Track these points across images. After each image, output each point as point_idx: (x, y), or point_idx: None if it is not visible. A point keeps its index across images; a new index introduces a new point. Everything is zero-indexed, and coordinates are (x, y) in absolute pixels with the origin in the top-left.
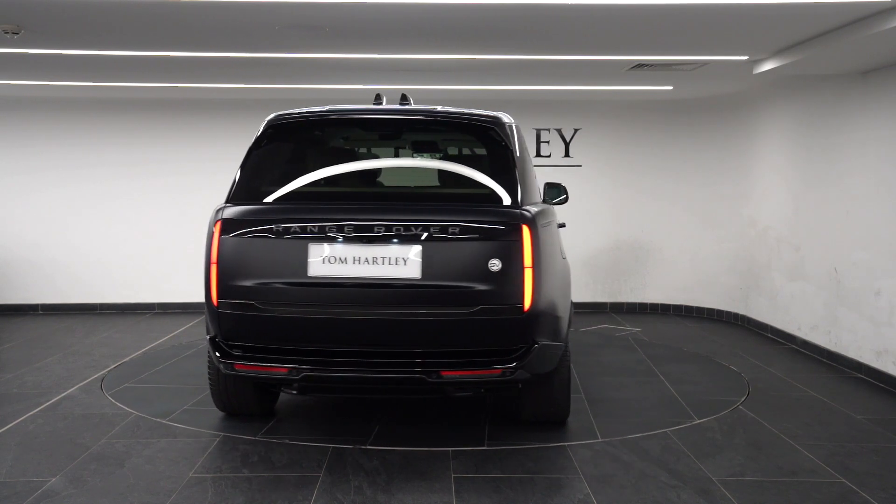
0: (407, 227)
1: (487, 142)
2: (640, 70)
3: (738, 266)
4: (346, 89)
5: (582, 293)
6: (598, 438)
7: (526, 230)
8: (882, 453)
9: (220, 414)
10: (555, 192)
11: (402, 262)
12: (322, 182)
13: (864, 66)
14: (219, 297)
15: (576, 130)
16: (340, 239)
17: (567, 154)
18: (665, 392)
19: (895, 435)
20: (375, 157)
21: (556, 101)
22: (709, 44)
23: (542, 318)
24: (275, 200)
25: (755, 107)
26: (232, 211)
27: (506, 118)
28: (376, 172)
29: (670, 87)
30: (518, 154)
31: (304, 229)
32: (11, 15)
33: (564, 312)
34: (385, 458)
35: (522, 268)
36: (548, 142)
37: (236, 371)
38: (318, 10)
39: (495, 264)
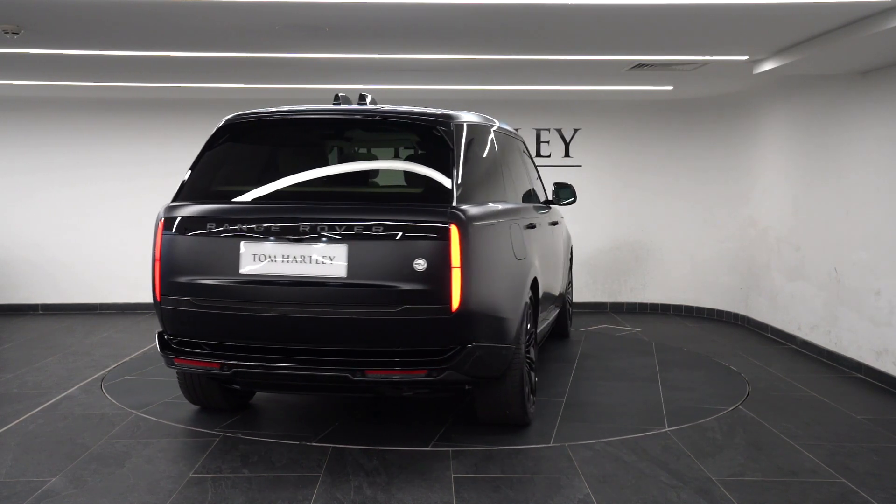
0: (334, 227)
1: (429, 140)
2: (640, 70)
3: (738, 266)
4: (345, 89)
5: (582, 293)
6: (550, 443)
7: (454, 230)
8: (882, 453)
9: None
10: (566, 193)
11: (328, 260)
12: (260, 182)
13: (863, 66)
14: (161, 293)
15: (576, 130)
16: (270, 238)
17: (567, 154)
18: (651, 399)
19: (895, 435)
20: (318, 157)
21: (556, 101)
22: (709, 44)
23: (476, 319)
24: (213, 200)
25: (755, 107)
26: (173, 210)
27: (457, 117)
28: (314, 171)
29: (670, 87)
30: (462, 153)
31: (236, 228)
32: (11, 15)
33: (513, 314)
34: (385, 458)
35: (449, 268)
36: (548, 142)
37: (175, 365)
38: (318, 10)
39: (420, 264)
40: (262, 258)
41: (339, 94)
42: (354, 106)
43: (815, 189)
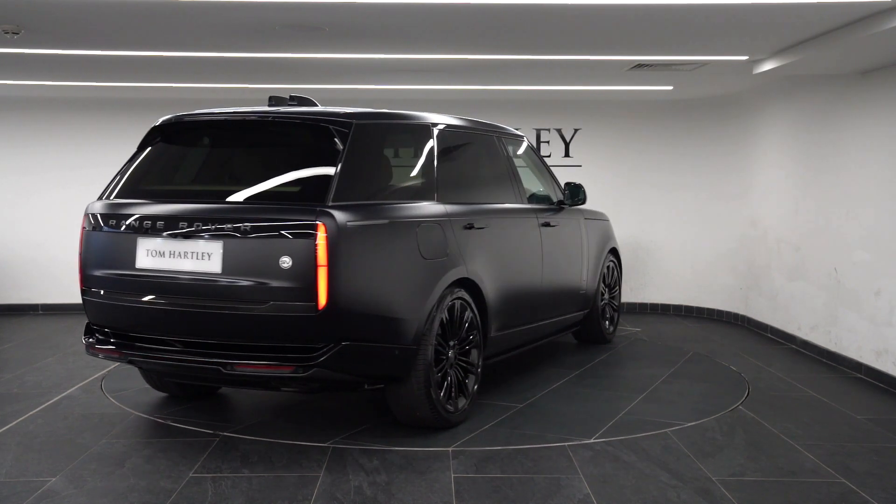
0: (211, 225)
1: (320, 141)
2: (640, 70)
3: (738, 266)
4: (345, 89)
5: None
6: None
7: (322, 229)
8: (882, 453)
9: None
10: (571, 193)
11: (206, 257)
12: (165, 181)
13: (863, 66)
14: (82, 284)
15: (576, 130)
16: (160, 234)
17: (567, 154)
18: (612, 410)
19: (895, 435)
20: (215, 157)
21: (556, 101)
22: (709, 44)
23: (349, 317)
24: (123, 197)
25: (755, 107)
26: (92, 207)
27: (356, 117)
28: (212, 171)
29: (670, 87)
30: (353, 153)
31: (133, 225)
32: (11, 15)
33: (412, 314)
34: (385, 458)
35: (315, 266)
36: (548, 142)
37: (91, 353)
38: (318, 10)
39: (286, 262)
40: (153, 254)
41: (292, 96)
42: (257, 108)
43: (815, 189)
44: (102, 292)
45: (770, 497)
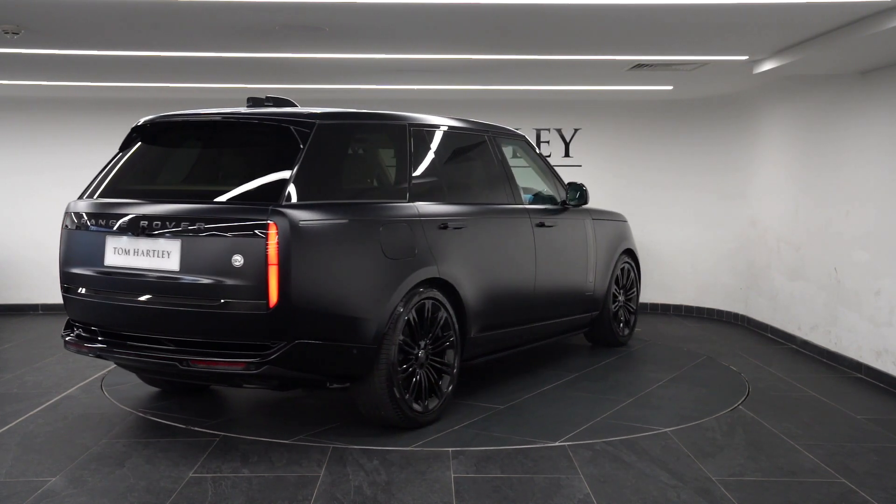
0: (171, 224)
1: (281, 141)
2: (640, 70)
3: (738, 266)
4: (345, 89)
5: None
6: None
7: (273, 228)
8: (882, 453)
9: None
10: (574, 193)
11: (166, 255)
12: (137, 181)
13: (863, 66)
14: (62, 281)
15: (576, 130)
16: (126, 233)
17: (567, 154)
18: (587, 414)
19: (895, 435)
20: (183, 158)
21: (556, 101)
22: (709, 44)
23: (302, 316)
24: (99, 197)
25: (755, 107)
26: (70, 206)
27: (321, 117)
28: (178, 171)
29: (670, 87)
30: (313, 153)
31: (103, 224)
32: (11, 15)
33: (372, 314)
34: (385, 458)
35: (266, 265)
36: (548, 142)
37: (67, 348)
38: (318, 11)
39: (238, 260)
40: (120, 251)
41: (268, 97)
42: (225, 109)
43: (815, 189)
44: (77, 289)
45: (770, 497)
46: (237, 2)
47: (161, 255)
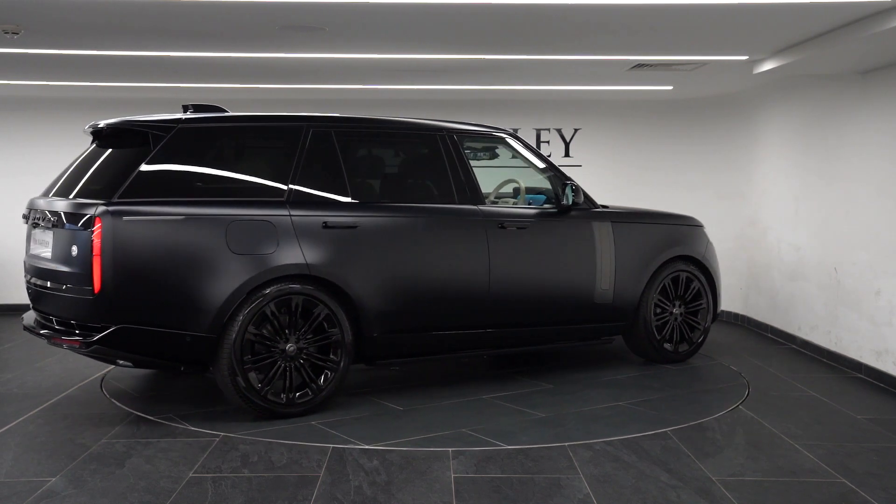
0: (50, 218)
1: (139, 144)
2: (640, 70)
3: (738, 266)
4: (345, 89)
5: None
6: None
7: (98, 222)
8: (882, 453)
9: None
10: (561, 194)
11: (47, 245)
12: (66, 181)
13: (863, 66)
14: (25, 272)
15: (576, 130)
16: (36, 226)
17: (567, 154)
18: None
19: (895, 435)
20: (89, 159)
21: (556, 101)
22: (709, 44)
23: (124, 303)
24: (46, 194)
25: (755, 107)
26: (28, 203)
27: (187, 122)
28: (80, 172)
29: (670, 87)
30: (160, 154)
31: (29, 217)
32: (11, 15)
33: (208, 304)
34: (385, 458)
35: (91, 255)
36: (548, 142)
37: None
38: (318, 11)
39: (74, 250)
40: (33, 242)
41: (184, 105)
42: (128, 117)
43: (815, 189)
44: (27, 279)
45: (770, 497)
46: (237, 2)
47: (45, 245)
